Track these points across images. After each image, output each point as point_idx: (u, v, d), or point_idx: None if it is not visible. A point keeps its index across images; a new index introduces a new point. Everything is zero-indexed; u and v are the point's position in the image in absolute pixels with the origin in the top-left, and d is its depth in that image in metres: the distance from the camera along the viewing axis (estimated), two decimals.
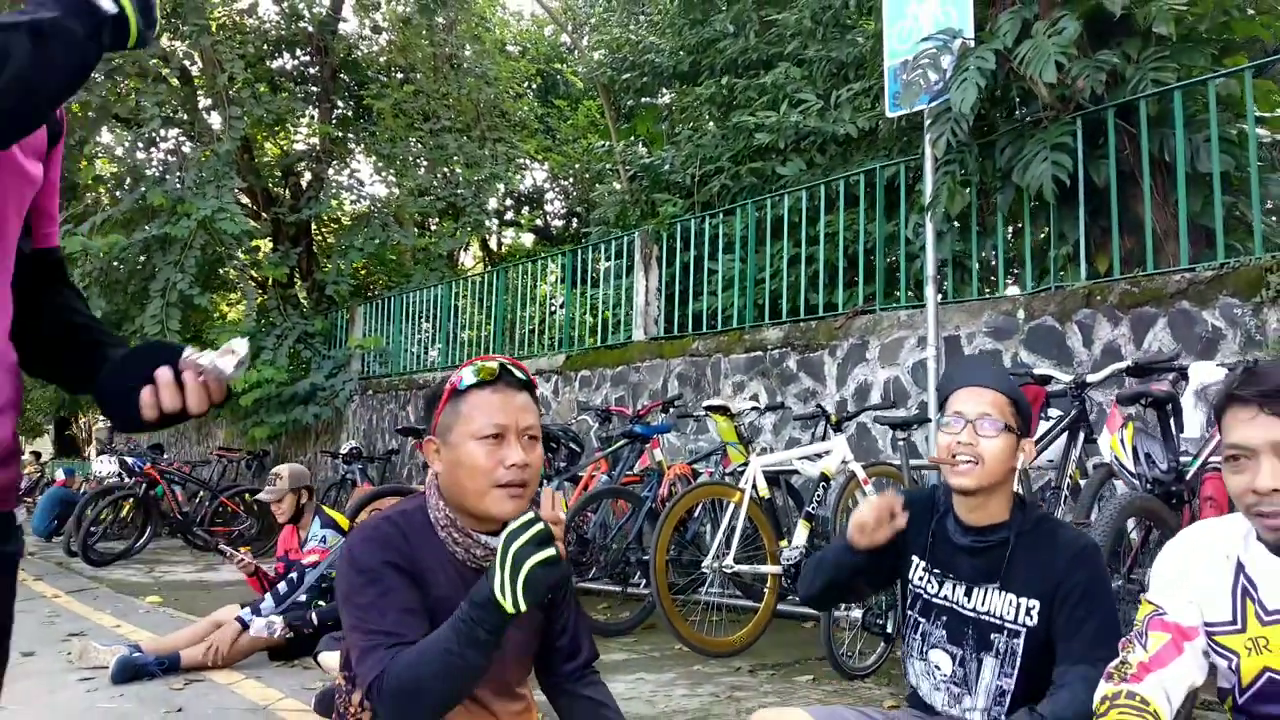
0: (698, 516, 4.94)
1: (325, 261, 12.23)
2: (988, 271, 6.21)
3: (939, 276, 5.17)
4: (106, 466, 10.17)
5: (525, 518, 1.54)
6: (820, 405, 5.30)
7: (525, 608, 1.50)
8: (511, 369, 1.73)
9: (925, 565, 1.96)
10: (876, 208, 5.95)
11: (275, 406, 10.53)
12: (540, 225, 15.66)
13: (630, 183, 9.69)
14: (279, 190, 12.52)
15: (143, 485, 8.78)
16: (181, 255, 9.89)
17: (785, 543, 4.28)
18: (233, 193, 10.21)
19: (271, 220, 11.79)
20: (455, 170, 12.52)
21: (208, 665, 4.00)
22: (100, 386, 1.24)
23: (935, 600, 1.94)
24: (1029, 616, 1.81)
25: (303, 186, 12.60)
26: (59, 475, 12.20)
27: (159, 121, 10.55)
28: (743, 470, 4.51)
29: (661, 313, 7.40)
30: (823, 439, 4.92)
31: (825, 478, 4.35)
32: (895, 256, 6.36)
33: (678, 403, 6.32)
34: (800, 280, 6.67)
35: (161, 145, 11.93)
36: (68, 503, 10.38)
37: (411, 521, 1.71)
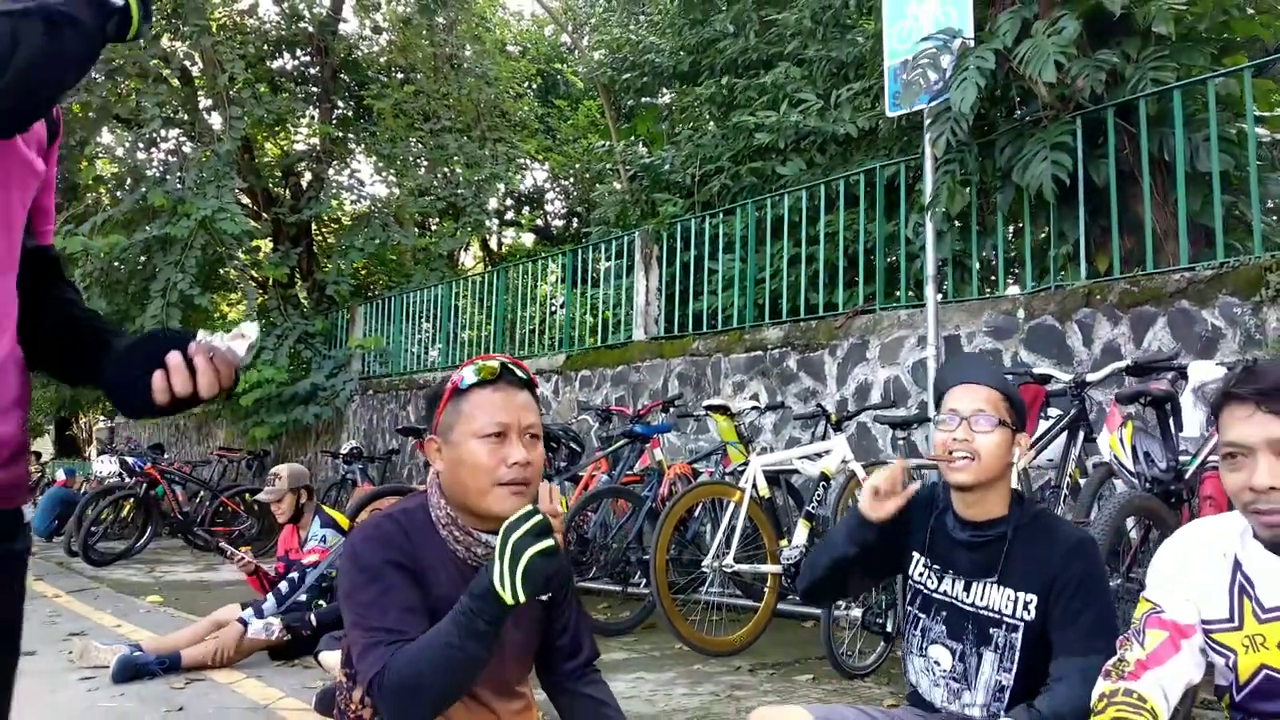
0: (698, 516, 4.94)
1: (325, 261, 12.23)
2: (988, 271, 6.22)
3: (939, 276, 5.17)
4: (107, 466, 10.18)
5: (524, 510, 1.55)
6: (820, 405, 5.30)
7: (524, 598, 1.51)
8: (512, 368, 1.74)
9: (925, 561, 1.98)
10: (876, 207, 5.96)
11: (276, 406, 10.54)
12: (540, 225, 15.66)
13: (630, 182, 9.69)
14: (279, 190, 12.51)
15: (143, 485, 8.79)
16: (182, 255, 9.89)
17: (785, 542, 4.29)
18: (233, 193, 10.21)
19: (272, 220, 11.79)
20: (455, 170, 12.52)
21: (212, 665, 4.01)
22: (107, 375, 1.24)
23: (935, 595, 1.95)
24: (1027, 610, 1.82)
25: (303, 186, 12.60)
26: (59, 475, 12.19)
27: (159, 122, 10.55)
28: (743, 470, 4.52)
29: (662, 312, 7.40)
30: (823, 438, 4.93)
31: (825, 477, 4.35)
32: (895, 256, 6.37)
33: (678, 402, 6.32)
34: (800, 280, 6.67)
35: (162, 145, 11.95)
36: (68, 503, 10.37)
37: (413, 520, 1.72)
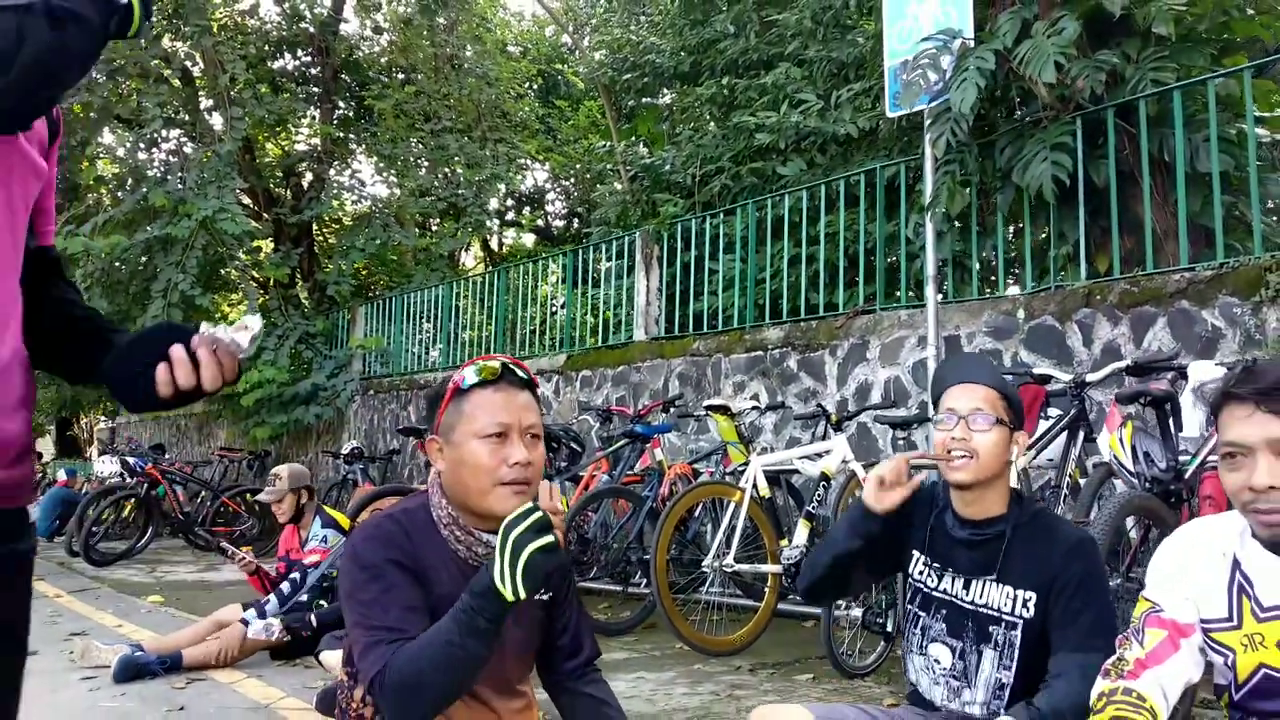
0: (698, 516, 4.95)
1: (326, 262, 12.24)
2: (988, 271, 6.22)
3: (939, 276, 5.18)
4: (108, 467, 10.20)
5: (524, 507, 1.56)
6: (821, 405, 5.31)
7: (524, 594, 1.52)
8: (513, 368, 1.74)
9: (925, 559, 1.99)
10: (877, 208, 5.96)
11: (277, 407, 10.55)
12: (541, 225, 15.67)
13: (631, 183, 9.70)
14: (280, 191, 12.52)
15: (144, 485, 8.80)
16: (183, 256, 9.90)
17: (786, 542, 4.29)
18: (234, 193, 10.21)
19: (273, 221, 11.80)
20: (456, 171, 12.53)
21: (215, 665, 4.02)
22: (110, 370, 1.25)
23: (935, 594, 1.96)
24: (1026, 608, 1.83)
25: (304, 187, 12.60)
26: (60, 475, 12.19)
27: (160, 122, 10.56)
28: (743, 470, 4.52)
29: (662, 313, 7.40)
30: (823, 438, 4.93)
31: (825, 477, 4.36)
32: (895, 256, 6.37)
33: (678, 402, 6.33)
34: (801, 280, 6.67)
35: (163, 146, 11.96)
36: (69, 503, 10.38)
37: (414, 519, 1.72)
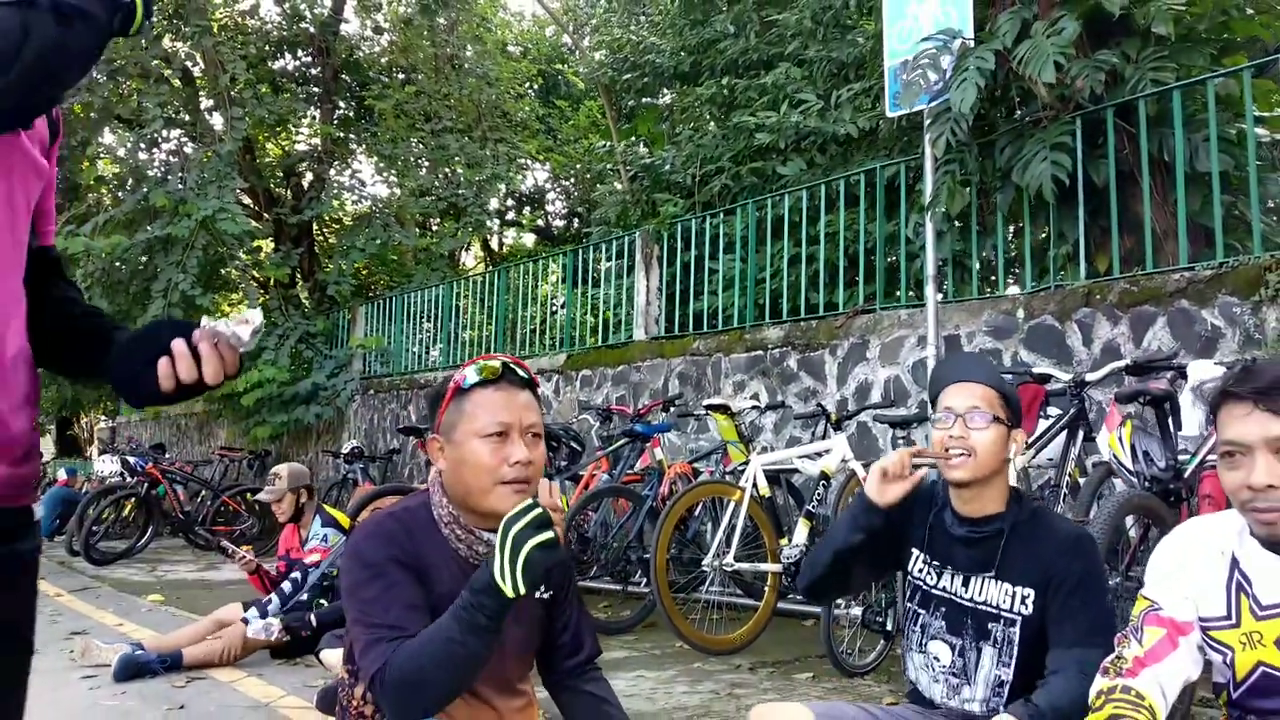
0: (698, 515, 4.95)
1: (327, 262, 12.24)
2: (988, 271, 6.22)
3: (939, 276, 5.18)
4: (108, 466, 10.19)
5: (524, 504, 1.57)
6: (820, 404, 5.31)
7: (524, 590, 1.52)
8: (514, 368, 1.75)
9: (924, 557, 2.00)
10: (877, 207, 5.96)
11: (277, 406, 10.55)
12: (541, 225, 15.67)
13: (631, 183, 9.70)
14: (280, 191, 12.52)
15: (144, 485, 8.80)
16: (183, 256, 9.91)
17: (785, 541, 4.30)
18: (234, 193, 10.21)
19: (273, 221, 11.80)
20: (456, 170, 12.54)
21: (219, 664, 4.03)
22: (112, 366, 1.25)
23: (934, 591, 1.97)
24: (1024, 605, 1.84)
25: (304, 187, 12.61)
26: (61, 475, 12.20)
27: (161, 122, 10.56)
28: (743, 469, 4.53)
29: (662, 312, 7.41)
30: (823, 438, 4.93)
31: (825, 476, 4.36)
32: (895, 256, 6.37)
33: (678, 402, 6.33)
34: (800, 280, 6.68)
35: (163, 146, 11.96)
36: (70, 502, 10.39)
37: (415, 518, 1.73)
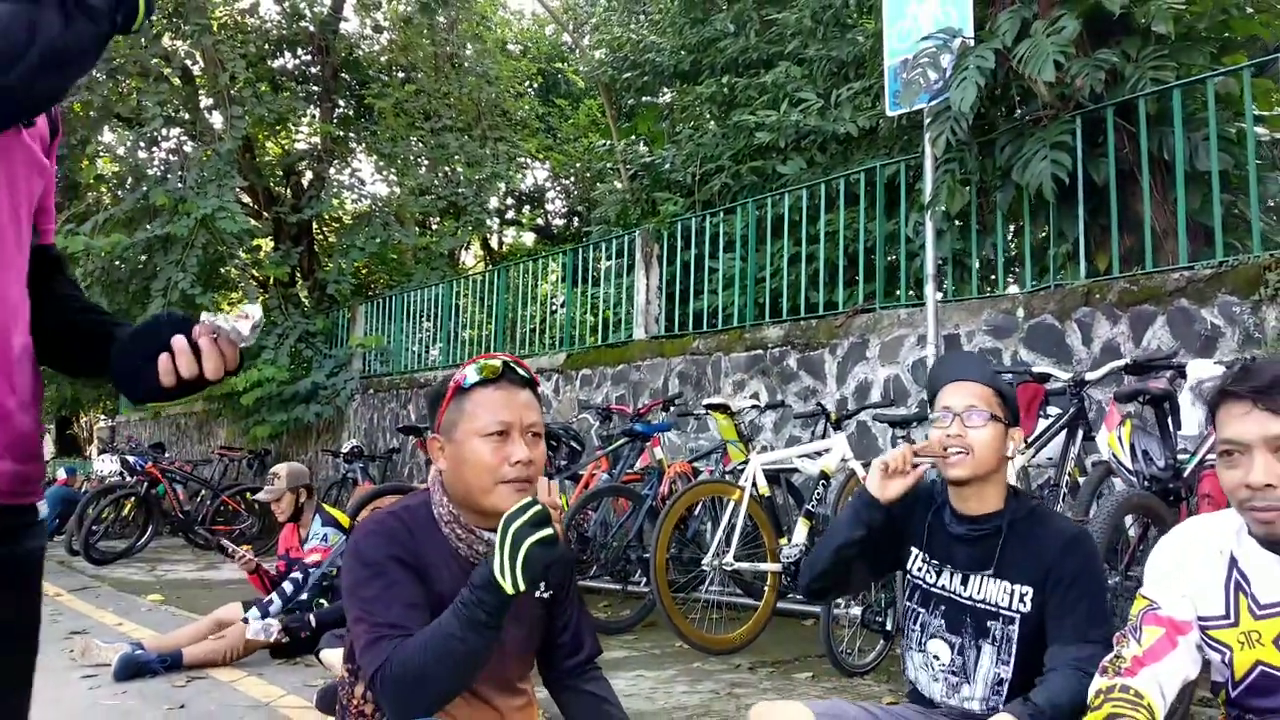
0: (698, 514, 4.95)
1: (326, 260, 12.24)
2: (987, 270, 6.22)
3: (939, 275, 5.19)
4: (108, 465, 10.18)
5: (523, 501, 1.58)
6: (820, 403, 5.32)
7: (524, 587, 1.53)
8: (515, 367, 1.75)
9: (923, 556, 2.01)
10: (877, 206, 5.96)
11: (276, 405, 10.55)
12: (541, 224, 15.67)
13: (631, 181, 9.70)
14: (280, 189, 12.51)
15: (144, 484, 8.80)
16: (183, 254, 9.90)
17: (785, 540, 4.30)
18: (234, 192, 10.21)
19: (273, 219, 11.79)
20: (456, 169, 12.53)
21: (222, 663, 4.04)
22: (113, 363, 1.25)
23: (934, 590, 1.98)
24: (1023, 603, 1.85)
25: (304, 186, 12.60)
26: (60, 474, 12.19)
27: (161, 121, 10.56)
28: (743, 468, 4.52)
29: (662, 311, 7.41)
30: (823, 437, 4.93)
31: (825, 476, 4.36)
32: (895, 255, 6.38)
33: (678, 401, 6.33)
34: (800, 279, 6.68)
35: (163, 144, 11.95)
36: (69, 501, 10.37)
37: (416, 517, 1.73)
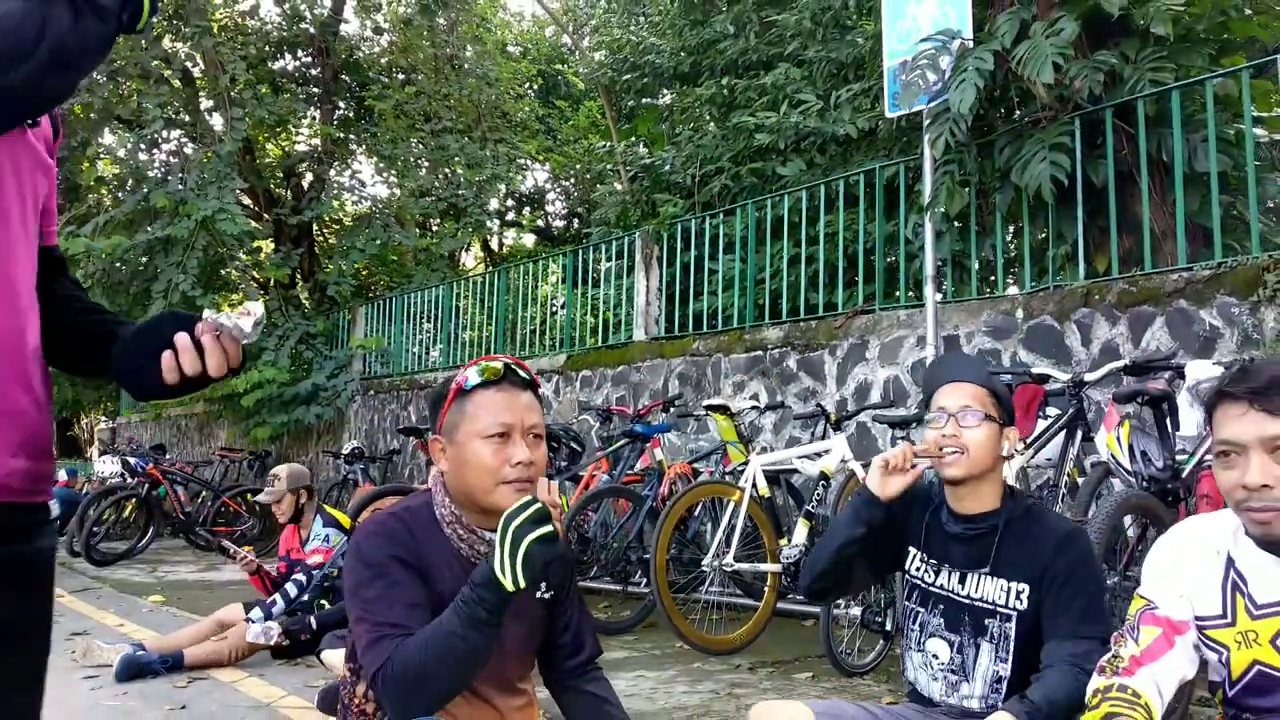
0: (698, 515, 4.96)
1: (327, 262, 12.25)
2: (987, 271, 6.23)
3: (938, 276, 5.19)
4: (109, 467, 10.20)
5: (524, 499, 1.60)
6: (820, 404, 5.32)
7: (524, 584, 1.54)
8: (516, 369, 1.76)
9: (922, 555, 2.03)
10: (876, 208, 5.97)
11: (277, 407, 10.56)
12: (541, 226, 15.68)
13: (631, 183, 9.71)
14: (280, 191, 12.52)
15: (145, 485, 8.80)
16: (183, 256, 9.92)
17: (785, 541, 4.30)
18: (234, 194, 10.22)
19: (273, 221, 11.80)
20: (456, 171, 12.54)
21: (227, 663, 4.05)
22: (117, 361, 1.26)
23: (932, 589, 1.99)
24: (1019, 600, 1.87)
25: (304, 187, 12.61)
26: (61, 475, 12.20)
27: (161, 123, 10.57)
28: (743, 469, 4.53)
29: (662, 313, 7.42)
30: (822, 438, 4.94)
31: (825, 476, 4.37)
32: (895, 256, 6.39)
33: (678, 402, 6.34)
34: (800, 280, 6.69)
35: (164, 146, 11.96)
36: (70, 503, 10.36)
37: (417, 517, 1.74)
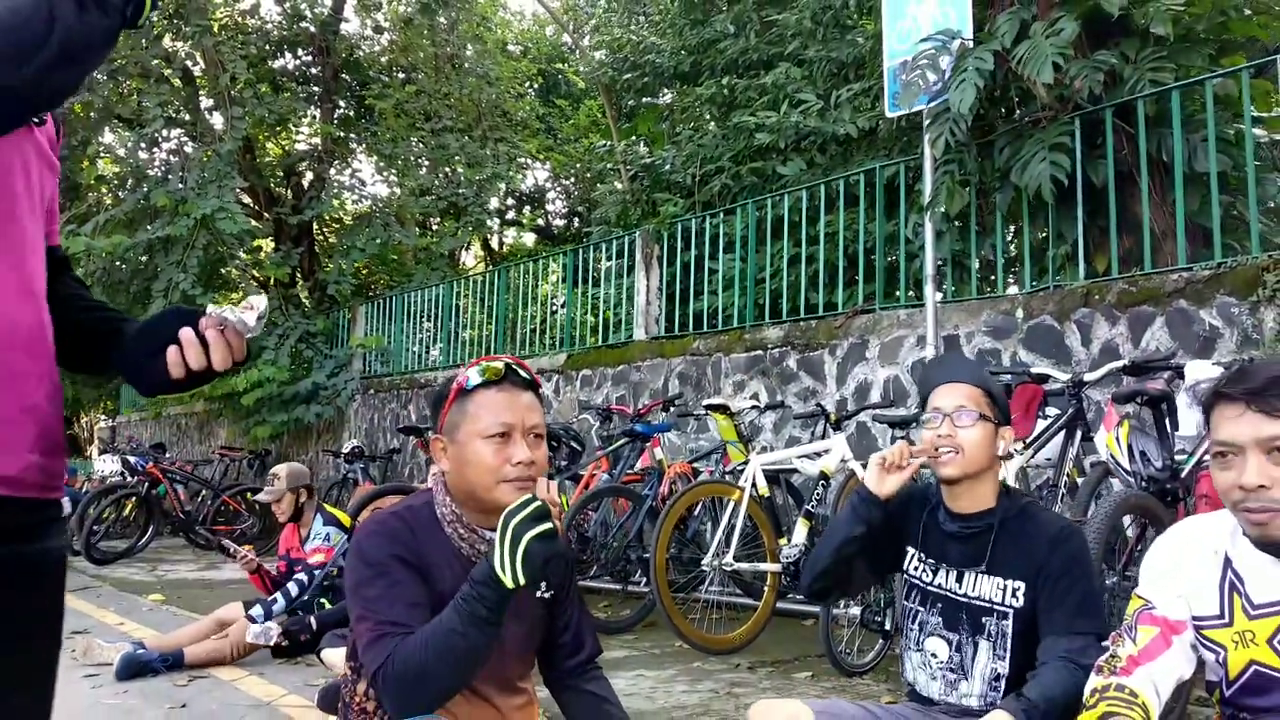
0: (698, 515, 4.96)
1: (327, 261, 12.25)
2: (987, 271, 6.24)
3: (938, 276, 5.20)
4: (109, 465, 10.20)
5: (523, 497, 1.60)
6: (820, 404, 5.33)
7: (524, 581, 1.55)
8: (517, 369, 1.77)
9: (920, 555, 2.04)
10: (876, 207, 5.98)
11: (277, 405, 10.56)
12: (541, 225, 15.68)
13: (631, 182, 9.71)
14: (281, 190, 12.52)
15: (145, 484, 8.80)
16: (184, 255, 9.91)
17: (785, 541, 4.31)
18: (234, 192, 10.22)
19: (273, 220, 11.79)
20: (457, 170, 12.54)
21: (228, 661, 4.06)
22: (123, 357, 1.27)
23: (930, 588, 2.00)
24: (1015, 598, 1.88)
25: (304, 186, 12.61)
26: None
27: (161, 122, 10.57)
28: (743, 469, 4.54)
29: (662, 312, 7.42)
30: (822, 438, 4.95)
31: (825, 476, 4.38)
32: (895, 256, 6.39)
33: (678, 402, 6.34)
34: (800, 280, 6.69)
35: (164, 145, 11.95)
36: (70, 501, 10.38)
37: (419, 517, 1.75)
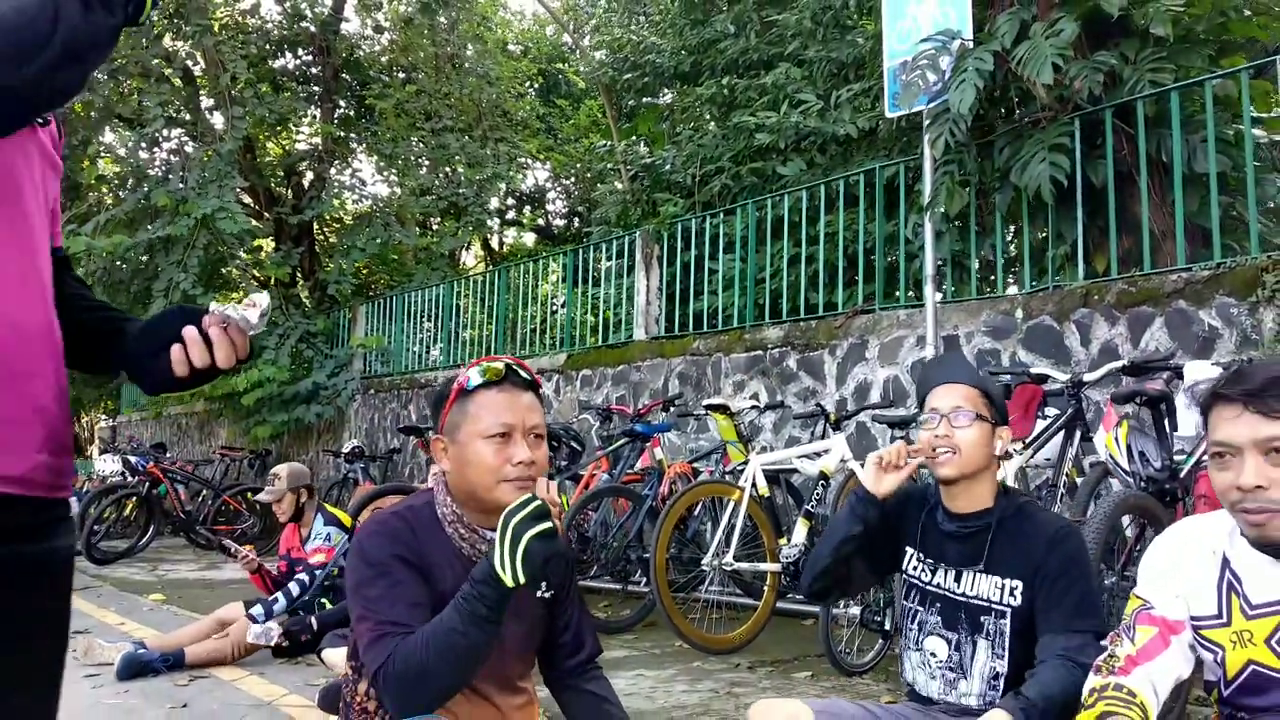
0: (698, 515, 4.97)
1: (327, 261, 12.26)
2: (986, 271, 6.24)
3: (938, 276, 5.20)
4: (110, 465, 10.21)
5: (523, 497, 1.61)
6: (820, 404, 5.34)
7: (524, 580, 1.56)
8: (517, 369, 1.77)
9: (918, 555, 2.05)
10: (876, 207, 5.98)
11: (277, 405, 10.57)
12: (542, 225, 15.69)
13: (631, 182, 9.72)
14: (281, 190, 12.53)
15: (146, 484, 8.80)
16: (184, 255, 9.92)
17: (785, 541, 4.32)
18: (234, 192, 10.22)
19: (274, 220, 11.80)
20: (457, 170, 12.55)
21: (229, 661, 4.07)
22: (126, 356, 1.28)
23: (929, 588, 2.01)
24: (1013, 597, 1.89)
25: (305, 186, 12.62)
26: None
27: (162, 121, 10.58)
28: (743, 469, 4.54)
29: (662, 312, 7.43)
30: (822, 438, 4.95)
31: (824, 476, 4.38)
32: (895, 256, 6.40)
33: (678, 402, 6.35)
34: (800, 280, 6.70)
35: (164, 145, 11.96)
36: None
37: (420, 517, 1.76)
